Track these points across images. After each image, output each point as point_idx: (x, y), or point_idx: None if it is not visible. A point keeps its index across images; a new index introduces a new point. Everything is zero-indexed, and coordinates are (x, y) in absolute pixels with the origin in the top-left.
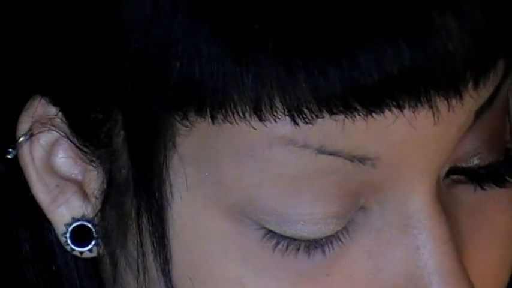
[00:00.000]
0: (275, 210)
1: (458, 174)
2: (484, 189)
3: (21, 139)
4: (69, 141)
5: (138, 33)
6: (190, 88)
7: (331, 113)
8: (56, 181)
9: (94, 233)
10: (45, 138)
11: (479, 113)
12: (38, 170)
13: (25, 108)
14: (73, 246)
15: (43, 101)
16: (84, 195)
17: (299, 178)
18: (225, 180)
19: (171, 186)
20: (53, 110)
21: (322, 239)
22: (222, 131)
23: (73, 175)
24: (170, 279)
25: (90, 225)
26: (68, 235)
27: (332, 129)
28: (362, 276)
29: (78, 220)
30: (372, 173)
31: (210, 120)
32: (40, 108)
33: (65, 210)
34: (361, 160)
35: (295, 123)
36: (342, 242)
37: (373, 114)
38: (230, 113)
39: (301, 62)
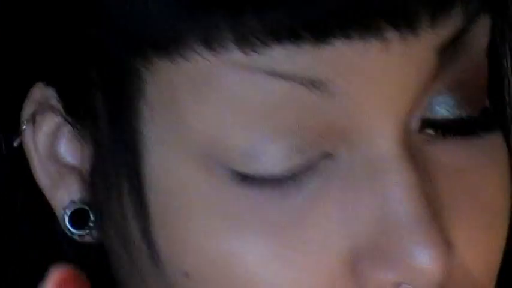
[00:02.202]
0: (238, 147)
1: (432, 129)
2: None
3: (24, 126)
4: (68, 126)
5: None
6: (143, 26)
7: (279, 41)
8: (57, 167)
9: (91, 216)
10: (47, 126)
11: (442, 56)
12: (41, 156)
13: (28, 95)
14: (72, 229)
15: (41, 85)
16: (83, 179)
17: (257, 110)
18: (190, 121)
19: (143, 138)
20: (49, 92)
21: (289, 182)
22: (181, 69)
23: (73, 161)
24: (150, 240)
25: (87, 208)
26: (66, 219)
27: (282, 55)
28: (334, 227)
29: (75, 203)
30: (330, 107)
31: (166, 58)
32: (39, 93)
33: (64, 195)
34: (314, 85)
35: (244, 52)
36: (312, 192)
37: (322, 44)
38: (182, 47)
39: None
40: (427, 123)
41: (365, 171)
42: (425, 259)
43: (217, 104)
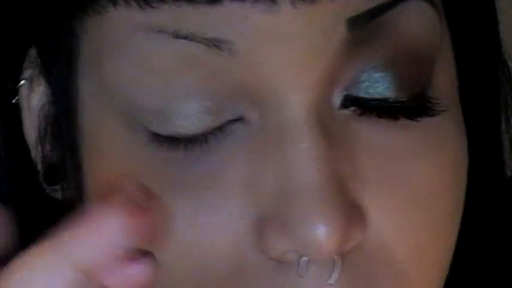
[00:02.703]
0: (151, 107)
1: (357, 105)
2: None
3: (21, 82)
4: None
5: None
6: None
7: None
8: (44, 124)
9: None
10: (41, 86)
11: (358, 30)
12: (31, 112)
13: (26, 56)
14: (44, 185)
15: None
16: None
17: (165, 71)
18: (110, 80)
19: (79, 94)
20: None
21: (201, 144)
22: (101, 28)
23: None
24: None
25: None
26: (41, 173)
27: (180, 14)
28: (239, 191)
29: (50, 159)
30: (236, 67)
31: (88, 15)
32: (33, 53)
33: (45, 149)
34: (216, 44)
35: (140, 6)
36: (222, 155)
37: (214, 4)
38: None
39: None
40: (351, 100)
41: (273, 137)
42: (318, 230)
43: (129, 64)
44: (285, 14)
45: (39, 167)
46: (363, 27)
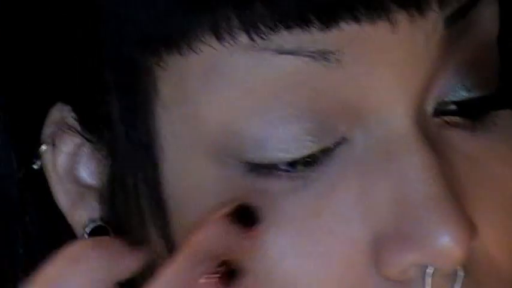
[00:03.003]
0: (249, 134)
1: (449, 114)
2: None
3: (43, 147)
4: (86, 145)
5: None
6: (151, 23)
7: (287, 27)
8: (77, 187)
9: (111, 233)
10: (66, 147)
11: (450, 30)
12: (60, 177)
13: (47, 116)
14: None
15: (59, 104)
16: (102, 196)
17: (266, 91)
18: (201, 112)
19: (159, 137)
20: (66, 110)
21: (305, 171)
22: (189, 61)
23: (92, 180)
24: (171, 243)
25: (106, 226)
26: (86, 237)
27: (290, 36)
28: (354, 215)
29: (94, 221)
30: (341, 82)
31: (177, 52)
32: (57, 113)
33: (83, 214)
34: (323, 56)
35: (252, 39)
36: (328, 180)
37: (330, 28)
38: (191, 40)
39: None
40: (443, 107)
41: (380, 153)
42: (446, 239)
43: (227, 90)
44: (401, 33)
45: (79, 232)
46: (456, 24)
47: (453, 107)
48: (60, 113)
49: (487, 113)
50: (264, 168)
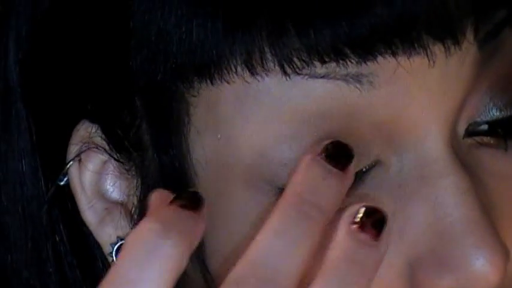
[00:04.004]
0: (282, 159)
1: (481, 134)
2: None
3: (70, 164)
4: (113, 163)
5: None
6: (187, 52)
7: (323, 62)
8: (104, 204)
9: None
10: (93, 164)
11: (484, 49)
12: (87, 194)
13: (73, 133)
14: None
15: (85, 122)
16: (129, 214)
17: (300, 116)
18: (235, 139)
19: (192, 163)
20: (94, 129)
21: None
22: (223, 90)
23: (120, 197)
24: (205, 266)
25: None
26: (114, 254)
27: (324, 67)
28: (390, 239)
29: (122, 239)
30: (374, 105)
31: (209, 82)
32: (84, 130)
33: (111, 231)
34: (356, 78)
35: (286, 73)
36: (363, 202)
37: (367, 62)
38: (224, 71)
39: (290, 14)
40: (474, 127)
41: (415, 176)
42: (483, 263)
43: (259, 115)
44: (437, 65)
45: (108, 249)
46: (489, 45)
47: (484, 126)
48: (88, 131)
49: None
50: None
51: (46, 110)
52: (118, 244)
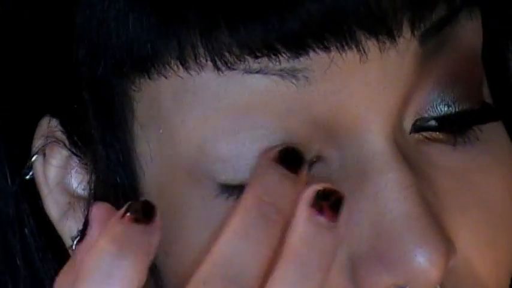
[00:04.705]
0: (220, 153)
1: (429, 130)
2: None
3: (33, 158)
4: (74, 157)
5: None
6: (125, 46)
7: (255, 57)
8: (67, 199)
9: None
10: (55, 159)
11: (424, 46)
12: (51, 188)
13: (37, 128)
14: None
15: (47, 117)
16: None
17: (236, 112)
18: (175, 134)
19: (137, 156)
20: (54, 123)
21: None
22: (160, 85)
23: (81, 191)
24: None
25: None
26: (74, 247)
27: (257, 63)
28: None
29: None
30: (311, 100)
31: (147, 76)
32: (46, 125)
33: (72, 225)
34: (291, 73)
35: (218, 69)
36: None
37: (300, 58)
38: (159, 65)
39: (222, 9)
40: (421, 123)
41: (356, 172)
42: (423, 260)
43: (198, 110)
44: (371, 60)
45: (68, 242)
46: (431, 40)
47: (433, 122)
48: (48, 126)
49: (470, 128)
50: (235, 189)
51: (9, 105)
52: (78, 238)
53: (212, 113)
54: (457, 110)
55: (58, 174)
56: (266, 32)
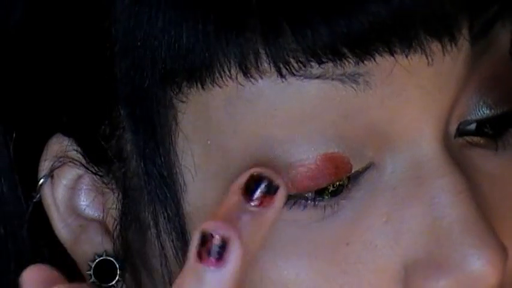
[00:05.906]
0: (274, 161)
1: (470, 134)
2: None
3: (41, 180)
4: (87, 177)
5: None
6: (177, 56)
7: (320, 62)
8: (78, 221)
9: (117, 266)
10: (66, 179)
11: (475, 45)
12: (60, 211)
13: (45, 148)
14: (99, 283)
15: (58, 136)
16: (106, 231)
17: (291, 118)
18: (226, 141)
19: (181, 170)
20: (67, 142)
21: (332, 199)
22: (213, 93)
23: (95, 213)
24: None
25: (113, 260)
26: (91, 272)
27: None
28: (384, 243)
29: (100, 256)
30: (369, 105)
31: (200, 86)
32: (57, 145)
33: (87, 248)
34: (352, 78)
35: (282, 75)
36: (356, 207)
37: (365, 62)
38: (217, 74)
39: (285, 14)
40: (465, 126)
41: (409, 177)
42: (482, 263)
43: (253, 121)
44: (434, 63)
45: (84, 267)
46: (480, 42)
47: (474, 126)
48: (61, 145)
49: (508, 131)
50: (290, 198)
51: (22, 125)
52: (96, 262)
53: (267, 121)
54: (498, 112)
55: (67, 196)
56: (333, 36)
